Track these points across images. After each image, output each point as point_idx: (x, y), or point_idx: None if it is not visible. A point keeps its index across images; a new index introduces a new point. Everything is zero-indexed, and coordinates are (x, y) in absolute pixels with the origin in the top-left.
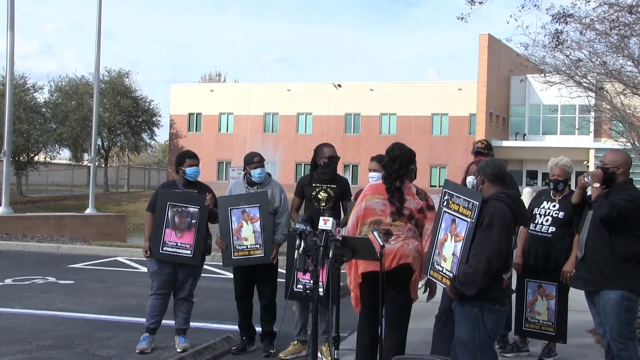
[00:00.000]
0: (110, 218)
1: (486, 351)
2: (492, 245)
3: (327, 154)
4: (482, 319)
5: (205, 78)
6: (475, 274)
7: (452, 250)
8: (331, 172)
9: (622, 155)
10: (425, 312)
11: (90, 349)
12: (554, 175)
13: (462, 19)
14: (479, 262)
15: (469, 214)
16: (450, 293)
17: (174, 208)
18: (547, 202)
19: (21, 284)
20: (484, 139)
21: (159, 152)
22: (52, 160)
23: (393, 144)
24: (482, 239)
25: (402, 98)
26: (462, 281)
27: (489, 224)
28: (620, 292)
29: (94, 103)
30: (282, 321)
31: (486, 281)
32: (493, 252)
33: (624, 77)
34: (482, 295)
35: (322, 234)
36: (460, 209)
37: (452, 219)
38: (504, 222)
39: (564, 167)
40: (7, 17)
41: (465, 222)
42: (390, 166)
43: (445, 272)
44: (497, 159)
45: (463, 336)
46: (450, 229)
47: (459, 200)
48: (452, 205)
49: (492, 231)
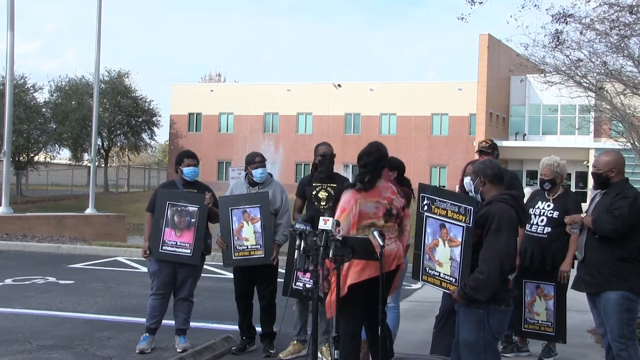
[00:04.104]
0: (110, 218)
1: (490, 352)
2: (503, 249)
3: (321, 152)
4: (488, 319)
5: (205, 78)
6: (488, 279)
7: (449, 255)
8: (326, 170)
9: (614, 156)
10: (425, 312)
11: (90, 349)
12: (542, 174)
13: (462, 19)
14: (491, 267)
15: (462, 219)
16: (460, 299)
17: (174, 207)
18: (541, 202)
19: (21, 284)
20: (489, 139)
21: (159, 152)
22: (52, 160)
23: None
24: (491, 243)
25: (402, 98)
26: (474, 287)
27: (497, 227)
28: (621, 292)
29: (94, 103)
30: (282, 321)
31: (498, 284)
32: (504, 256)
33: (624, 77)
34: (491, 296)
35: (322, 233)
36: (448, 213)
37: (441, 224)
38: (512, 224)
39: (550, 166)
40: (7, 17)
41: (459, 227)
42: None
43: (444, 277)
44: (493, 159)
45: (468, 337)
46: (440, 234)
47: (445, 205)
48: (436, 210)
49: (501, 235)
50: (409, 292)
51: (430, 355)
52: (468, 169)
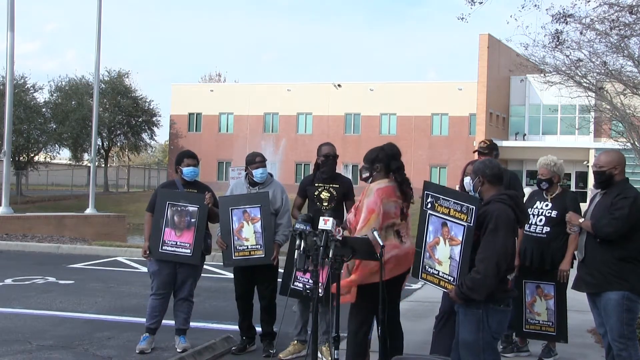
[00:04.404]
0: (110, 218)
1: (490, 352)
2: (500, 249)
3: (324, 152)
4: (487, 319)
5: (205, 78)
6: (485, 279)
7: (449, 254)
8: (329, 171)
9: (616, 155)
10: (425, 312)
11: (90, 349)
12: (539, 174)
13: (462, 19)
14: (488, 267)
15: (464, 218)
16: (457, 298)
17: (174, 207)
18: (539, 202)
19: (21, 284)
20: (488, 139)
21: (159, 152)
22: (52, 160)
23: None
24: (488, 243)
25: (402, 98)
26: (471, 286)
27: (495, 227)
28: (621, 292)
29: (94, 103)
30: (282, 321)
31: (495, 284)
32: (501, 256)
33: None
34: (488, 296)
35: (322, 234)
36: (451, 212)
37: (443, 222)
38: (509, 224)
39: (547, 165)
40: (7, 17)
41: (461, 225)
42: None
43: (443, 276)
44: (492, 159)
45: (467, 337)
46: (441, 232)
47: (447, 204)
48: (439, 208)
49: (499, 235)
50: (409, 292)
51: (430, 355)
52: (468, 169)
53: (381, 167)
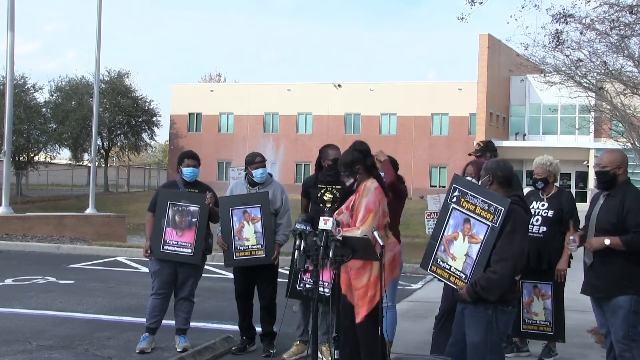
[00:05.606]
0: (110, 218)
1: (496, 352)
2: (517, 251)
3: (332, 156)
4: (496, 320)
5: (205, 78)
6: (501, 279)
7: (465, 250)
8: (335, 175)
9: (619, 154)
10: (425, 312)
11: (90, 349)
12: (535, 173)
13: (462, 19)
14: (504, 268)
15: (489, 217)
16: (468, 296)
17: (175, 207)
18: (536, 202)
19: (21, 284)
20: (481, 141)
21: (159, 152)
22: (52, 160)
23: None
24: (506, 244)
25: (402, 98)
26: (485, 286)
27: (512, 229)
28: (630, 296)
29: (94, 103)
30: (282, 321)
31: (508, 286)
32: (518, 258)
33: (624, 77)
34: (499, 297)
35: (322, 234)
36: (477, 209)
37: (466, 218)
38: (524, 225)
39: (543, 165)
40: (7, 17)
41: (485, 225)
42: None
43: (454, 272)
44: (506, 161)
45: (474, 338)
46: (462, 228)
47: (475, 200)
48: (464, 204)
49: (516, 236)
50: (409, 292)
51: (430, 355)
52: (468, 169)
53: (361, 167)
